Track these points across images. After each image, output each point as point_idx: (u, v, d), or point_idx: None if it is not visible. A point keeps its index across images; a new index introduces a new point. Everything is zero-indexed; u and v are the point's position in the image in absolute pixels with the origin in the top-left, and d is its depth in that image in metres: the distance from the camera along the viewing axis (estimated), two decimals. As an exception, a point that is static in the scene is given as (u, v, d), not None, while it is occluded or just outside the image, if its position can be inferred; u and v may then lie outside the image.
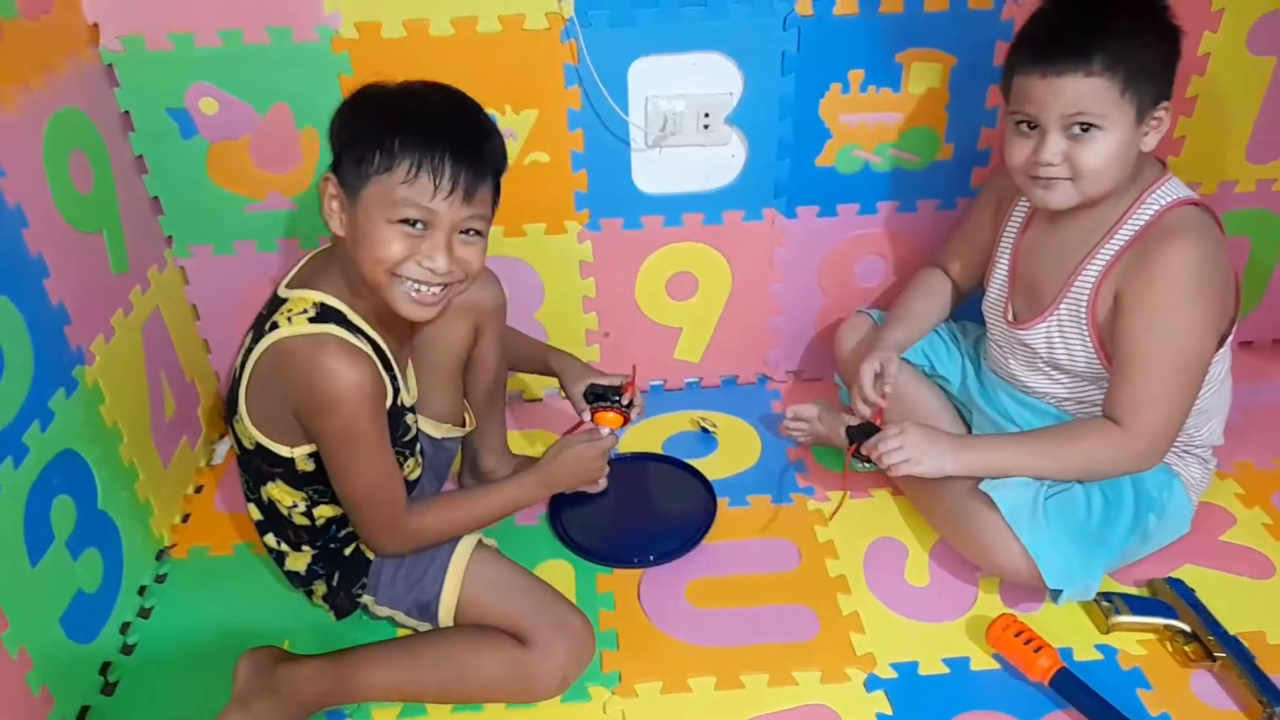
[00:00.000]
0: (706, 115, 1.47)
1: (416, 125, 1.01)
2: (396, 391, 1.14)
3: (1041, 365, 1.31)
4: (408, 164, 1.00)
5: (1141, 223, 1.17)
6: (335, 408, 1.03)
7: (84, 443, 1.23)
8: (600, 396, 1.34)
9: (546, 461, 1.24)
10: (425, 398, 1.29)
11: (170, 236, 1.50)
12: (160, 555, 1.42)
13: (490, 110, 1.41)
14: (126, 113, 1.39)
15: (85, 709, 1.19)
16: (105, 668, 1.24)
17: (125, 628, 1.30)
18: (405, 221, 1.01)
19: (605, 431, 1.31)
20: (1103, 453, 1.21)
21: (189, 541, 1.45)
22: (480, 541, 1.22)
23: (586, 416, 1.34)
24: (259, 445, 1.11)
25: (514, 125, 1.43)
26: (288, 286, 1.09)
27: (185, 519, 1.49)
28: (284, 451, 1.11)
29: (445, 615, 1.18)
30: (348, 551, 1.22)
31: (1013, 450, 1.26)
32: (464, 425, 1.37)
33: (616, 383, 1.36)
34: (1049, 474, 1.25)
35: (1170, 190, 1.17)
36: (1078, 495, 1.25)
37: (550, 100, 1.44)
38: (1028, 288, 1.32)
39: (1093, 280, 1.22)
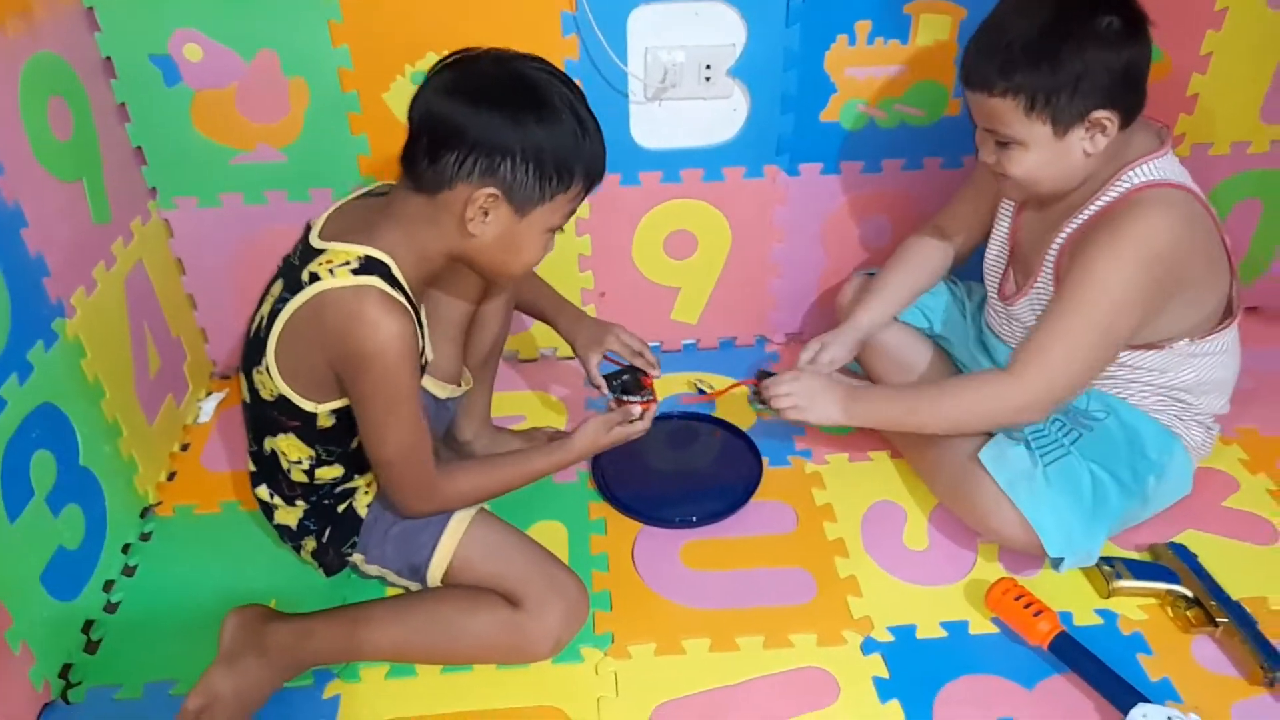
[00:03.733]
0: (708, 67, 1.43)
1: (596, 136, 1.03)
2: (422, 342, 1.11)
3: None
4: (588, 181, 1.04)
5: (1108, 200, 1.15)
6: (376, 360, 1.00)
7: (64, 397, 1.20)
8: (626, 389, 1.30)
9: (578, 442, 1.20)
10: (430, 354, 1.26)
11: (154, 188, 1.46)
12: (145, 513, 1.39)
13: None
14: (108, 59, 1.34)
15: (67, 666, 1.17)
16: (88, 625, 1.22)
17: (109, 586, 1.28)
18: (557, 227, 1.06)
19: (636, 413, 1.26)
20: (984, 402, 1.21)
21: (174, 499, 1.42)
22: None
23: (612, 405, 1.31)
24: (281, 398, 1.08)
25: (508, 75, 1.39)
26: (321, 237, 1.05)
27: (171, 477, 1.47)
28: (309, 406, 1.08)
29: (435, 576, 1.15)
30: (340, 509, 1.19)
31: (900, 403, 1.29)
32: (460, 385, 1.33)
33: (629, 365, 1.34)
34: (935, 426, 1.28)
35: (1148, 172, 1.14)
36: (1075, 462, 1.23)
37: (547, 50, 1.33)
38: (1021, 263, 1.30)
39: (1057, 251, 1.20)
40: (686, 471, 1.48)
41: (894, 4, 1.41)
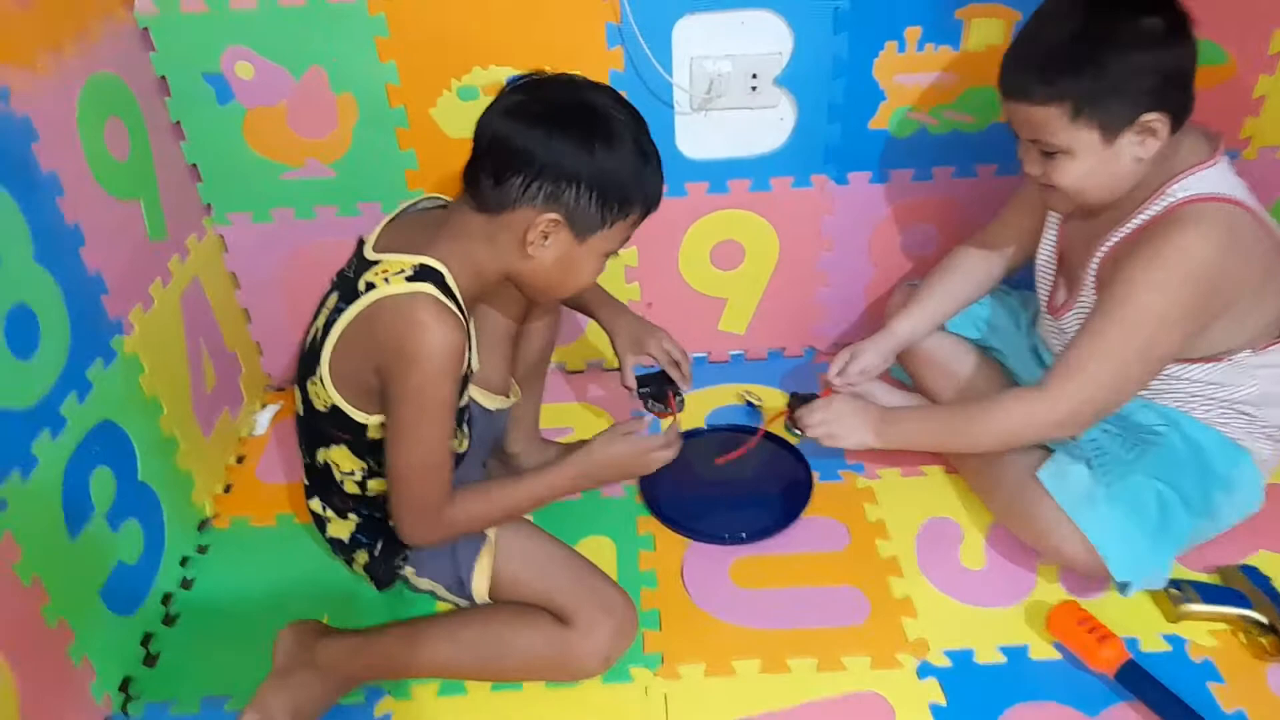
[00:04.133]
0: (754, 76, 1.41)
1: (656, 167, 1.04)
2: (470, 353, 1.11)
3: None
4: (645, 210, 1.05)
5: (1154, 213, 1.11)
6: (420, 363, 0.99)
7: (123, 414, 1.22)
8: (657, 397, 1.30)
9: (588, 453, 1.14)
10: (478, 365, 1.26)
11: (209, 204, 1.49)
12: (202, 526, 1.42)
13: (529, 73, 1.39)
14: (163, 77, 1.36)
15: (127, 680, 1.19)
16: (147, 639, 1.24)
17: (167, 599, 1.30)
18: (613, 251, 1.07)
19: (648, 422, 1.23)
20: (1016, 421, 1.18)
21: (231, 512, 1.44)
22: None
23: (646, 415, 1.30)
24: (334, 408, 1.08)
25: (555, 88, 1.39)
26: (375, 249, 1.06)
27: (227, 489, 1.49)
28: (359, 417, 1.08)
29: (480, 592, 1.15)
30: (392, 522, 1.19)
31: (932, 423, 1.28)
32: (509, 397, 1.33)
33: (662, 372, 1.32)
34: (970, 446, 1.27)
35: (1197, 184, 1.09)
36: (1139, 480, 1.19)
37: (592, 61, 1.38)
38: (1068, 274, 1.27)
39: (1099, 263, 1.17)
40: (735, 486, 1.45)
41: (945, 8, 1.37)
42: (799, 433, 1.31)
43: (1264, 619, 1.14)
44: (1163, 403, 1.22)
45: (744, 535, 1.34)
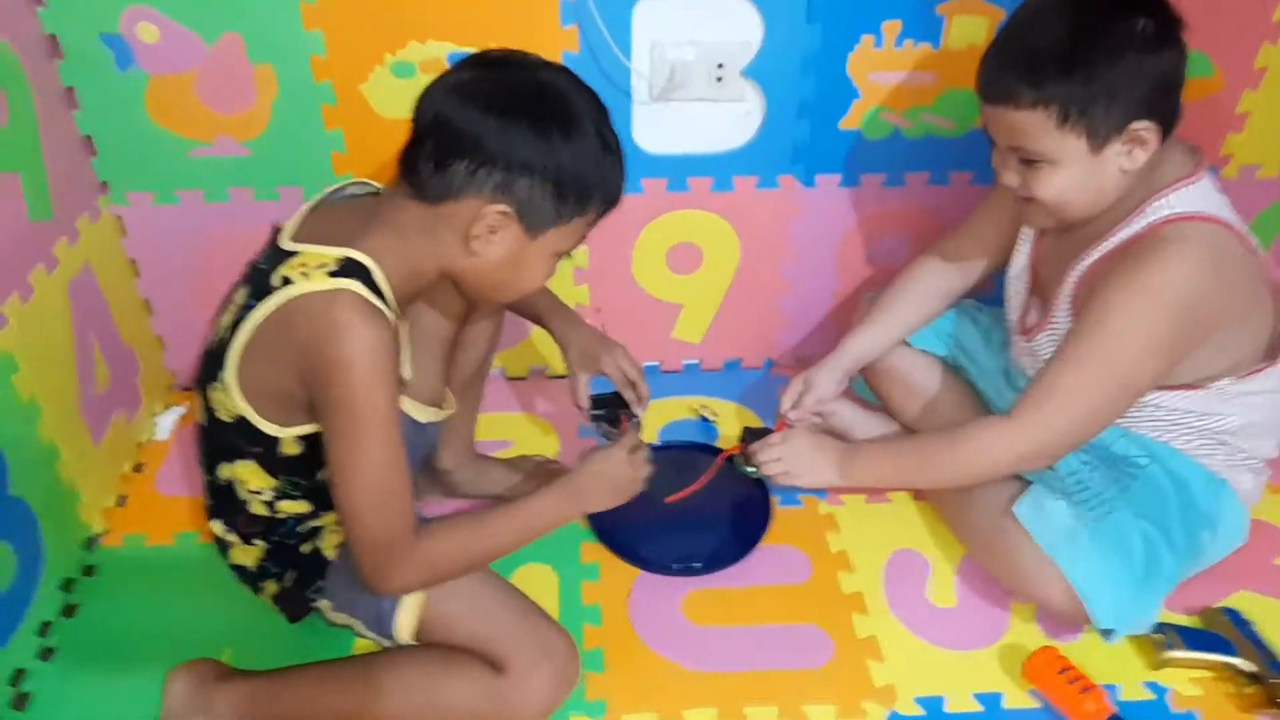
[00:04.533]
0: (720, 66, 1.30)
1: (619, 159, 0.94)
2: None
3: None
4: (604, 207, 0.95)
5: (1134, 231, 1.04)
6: (348, 369, 0.87)
7: (-9, 420, 1.06)
8: (609, 419, 1.21)
9: (578, 475, 1.06)
10: (410, 373, 1.12)
11: (105, 182, 1.32)
12: (90, 544, 1.25)
13: (472, 50, 1.25)
14: (52, 36, 1.20)
15: (-12, 728, 1.04)
16: (17, 677, 1.08)
17: (45, 629, 1.14)
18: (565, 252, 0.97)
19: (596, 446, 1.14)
20: (984, 453, 1.12)
21: (124, 528, 1.29)
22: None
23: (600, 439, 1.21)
24: (241, 419, 0.95)
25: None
26: (293, 239, 0.93)
27: (121, 502, 1.33)
28: (271, 430, 0.95)
29: (404, 633, 1.02)
30: (305, 549, 1.06)
31: (897, 458, 1.21)
32: (443, 408, 1.20)
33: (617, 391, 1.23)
34: (938, 481, 1.22)
35: (1176, 202, 1.02)
36: (1123, 518, 1.12)
37: (543, 41, 1.26)
38: (1042, 293, 1.19)
39: (1074, 283, 1.09)
40: (687, 509, 1.33)
41: (926, 3, 1.28)
42: (752, 470, 1.22)
43: (1249, 667, 1.07)
44: (1141, 431, 1.15)
45: (697, 566, 1.23)
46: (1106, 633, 1.10)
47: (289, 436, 0.96)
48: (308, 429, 0.96)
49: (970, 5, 1.28)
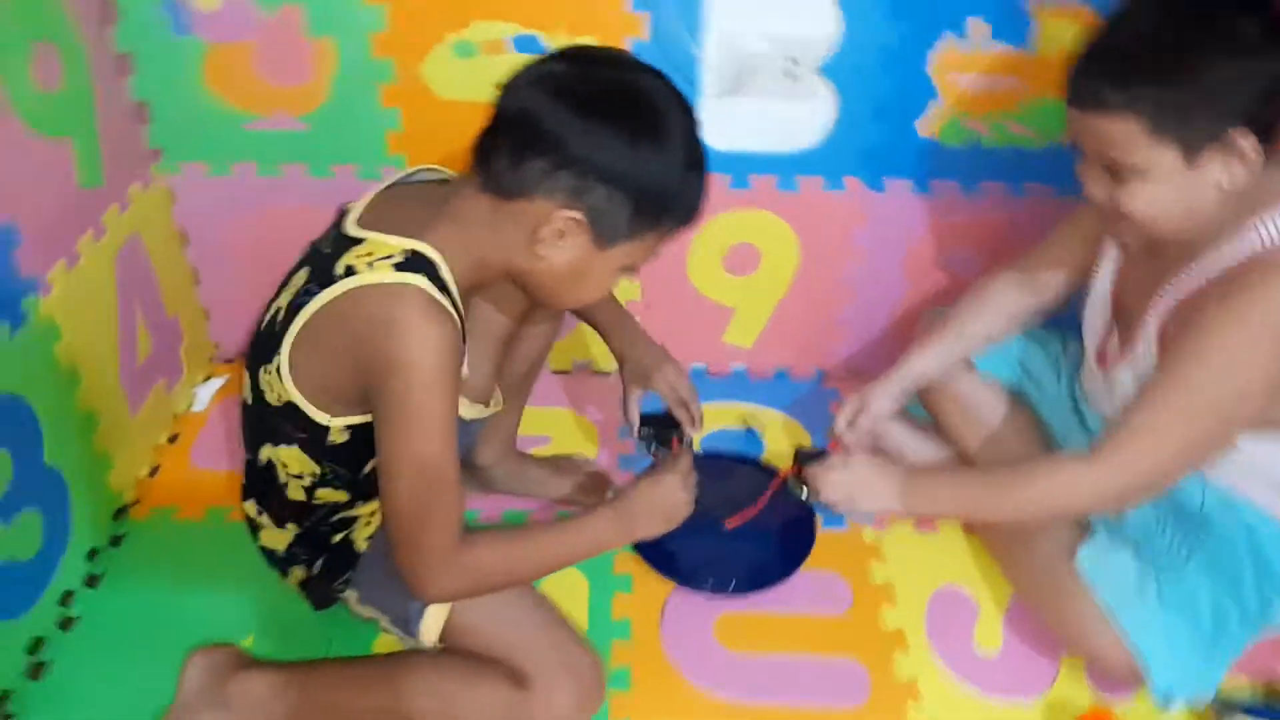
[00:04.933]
0: (794, 61, 1.24)
1: (703, 177, 0.89)
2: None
3: None
4: (681, 226, 0.90)
5: (1234, 256, 0.94)
6: (408, 369, 0.83)
7: (31, 387, 1.05)
8: (660, 439, 1.16)
9: (627, 500, 1.00)
10: None
11: (158, 150, 1.31)
12: (118, 514, 1.25)
13: (538, 33, 1.21)
14: (110, -1, 1.18)
15: (5, 694, 1.03)
16: (36, 645, 1.08)
17: (67, 598, 1.14)
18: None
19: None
20: (1060, 491, 1.01)
21: (154, 500, 1.28)
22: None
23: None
24: (289, 405, 0.92)
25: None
26: (360, 225, 0.89)
27: (153, 473, 1.32)
28: (321, 418, 0.92)
29: (429, 634, 0.99)
30: (336, 538, 1.03)
31: (966, 489, 1.10)
32: (489, 406, 1.16)
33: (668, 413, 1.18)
34: (1004, 516, 1.12)
35: None
36: (1193, 577, 1.04)
37: (609, 26, 1.21)
38: (1125, 321, 1.10)
39: (1164, 312, 1.00)
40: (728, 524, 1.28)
41: (1017, 2, 1.20)
42: (806, 495, 1.14)
43: (1320, 747, 0.99)
44: (1220, 483, 1.06)
45: (732, 585, 1.18)
46: (1165, 700, 1.02)
47: (338, 425, 0.92)
48: (358, 419, 0.92)
49: (1063, 9, 1.20)
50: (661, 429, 1.15)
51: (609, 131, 0.82)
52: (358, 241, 0.87)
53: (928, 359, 1.23)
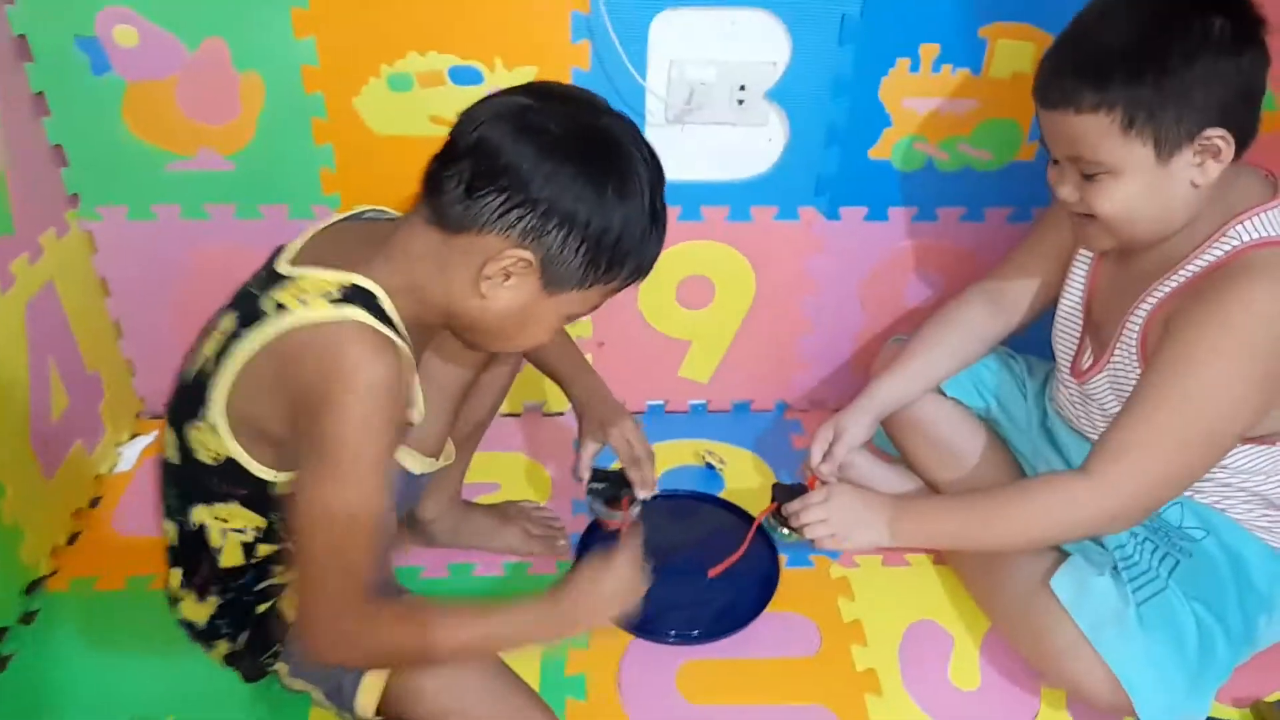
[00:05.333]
0: (742, 88, 1.21)
1: (663, 230, 0.85)
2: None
3: None
4: (634, 278, 0.86)
5: (1213, 259, 0.93)
6: (343, 408, 0.76)
7: (-74, 451, 0.97)
8: (609, 499, 1.10)
9: (565, 592, 0.89)
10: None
11: (75, 194, 1.23)
12: (31, 588, 1.15)
13: (477, 64, 1.17)
14: (21, 37, 1.11)
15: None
16: (-66, 741, 0.99)
17: (-29, 682, 1.04)
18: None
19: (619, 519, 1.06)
20: (1058, 512, 0.98)
21: (73, 570, 1.19)
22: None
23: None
24: (228, 462, 0.85)
25: (506, 84, 1.16)
26: (293, 264, 0.83)
27: (71, 540, 1.23)
28: (265, 474, 0.85)
29: (364, 710, 0.91)
30: (260, 609, 0.96)
31: (956, 515, 1.06)
32: (439, 460, 1.09)
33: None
34: (1000, 544, 1.06)
35: (1264, 224, 0.91)
36: (1174, 599, 1.00)
37: (552, 57, 1.17)
38: (1097, 331, 1.08)
39: (1144, 318, 0.98)
40: (687, 567, 1.22)
41: (967, 25, 1.18)
42: (788, 533, 1.10)
43: (1315, 779, 0.95)
44: (1199, 499, 1.03)
45: (696, 634, 1.12)
46: (1155, 731, 0.98)
47: (285, 480, 0.85)
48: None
49: (1016, 29, 1.19)
50: (612, 487, 1.10)
51: (576, 175, 0.77)
52: (289, 279, 0.81)
53: (897, 385, 1.19)
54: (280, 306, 0.79)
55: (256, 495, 0.87)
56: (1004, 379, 1.27)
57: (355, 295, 0.80)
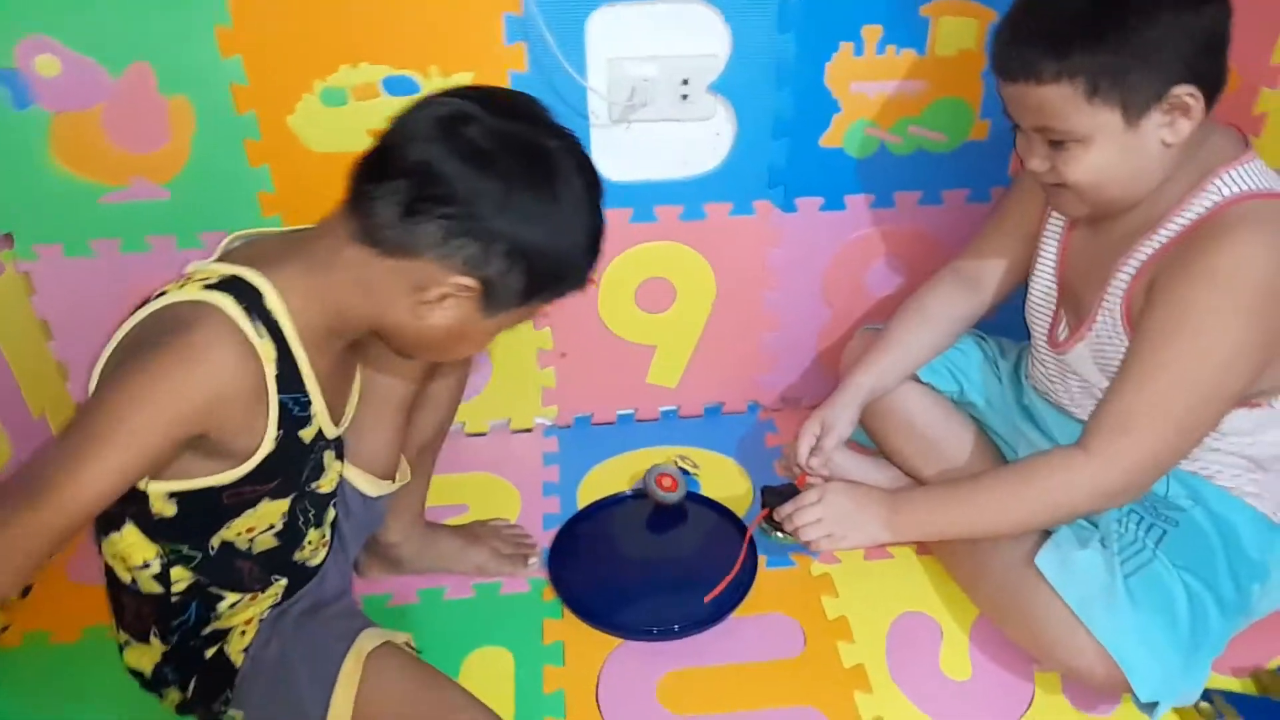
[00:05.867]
0: (685, 83, 1.19)
1: (598, 251, 0.84)
2: (302, 411, 0.84)
3: (1096, 393, 1.03)
4: (575, 289, 0.84)
5: (1194, 216, 0.91)
6: (131, 372, 0.72)
7: None
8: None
9: None
10: (359, 440, 0.98)
11: (8, 234, 1.19)
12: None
13: (411, 74, 1.14)
14: (-62, 74, 1.08)
15: None
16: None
17: (-85, 749, 0.99)
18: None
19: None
20: (1060, 491, 0.95)
21: (26, 624, 1.13)
22: (387, 642, 0.92)
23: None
24: None
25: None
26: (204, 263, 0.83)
27: (25, 593, 1.18)
28: (139, 482, 0.80)
29: (331, 744, 0.87)
30: (209, 653, 0.91)
31: (957, 506, 1.03)
32: (395, 479, 1.04)
33: None
34: (1000, 528, 1.03)
35: (1241, 178, 0.90)
36: (1162, 569, 0.97)
37: (488, 61, 1.14)
38: (1071, 301, 1.06)
39: (1127, 282, 0.95)
40: (663, 565, 1.21)
41: (908, 5, 1.17)
42: (782, 536, 1.07)
43: (1318, 742, 0.92)
44: (1185, 466, 1.01)
45: (675, 628, 1.10)
46: (1150, 706, 0.95)
47: (158, 493, 0.81)
48: (180, 484, 0.81)
49: (957, 5, 1.17)
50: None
51: (521, 204, 0.75)
52: (185, 274, 0.80)
53: (875, 373, 1.17)
54: (162, 294, 0.78)
55: (142, 513, 0.83)
56: (976, 361, 1.25)
57: (232, 285, 0.77)
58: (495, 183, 0.75)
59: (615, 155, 1.23)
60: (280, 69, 1.12)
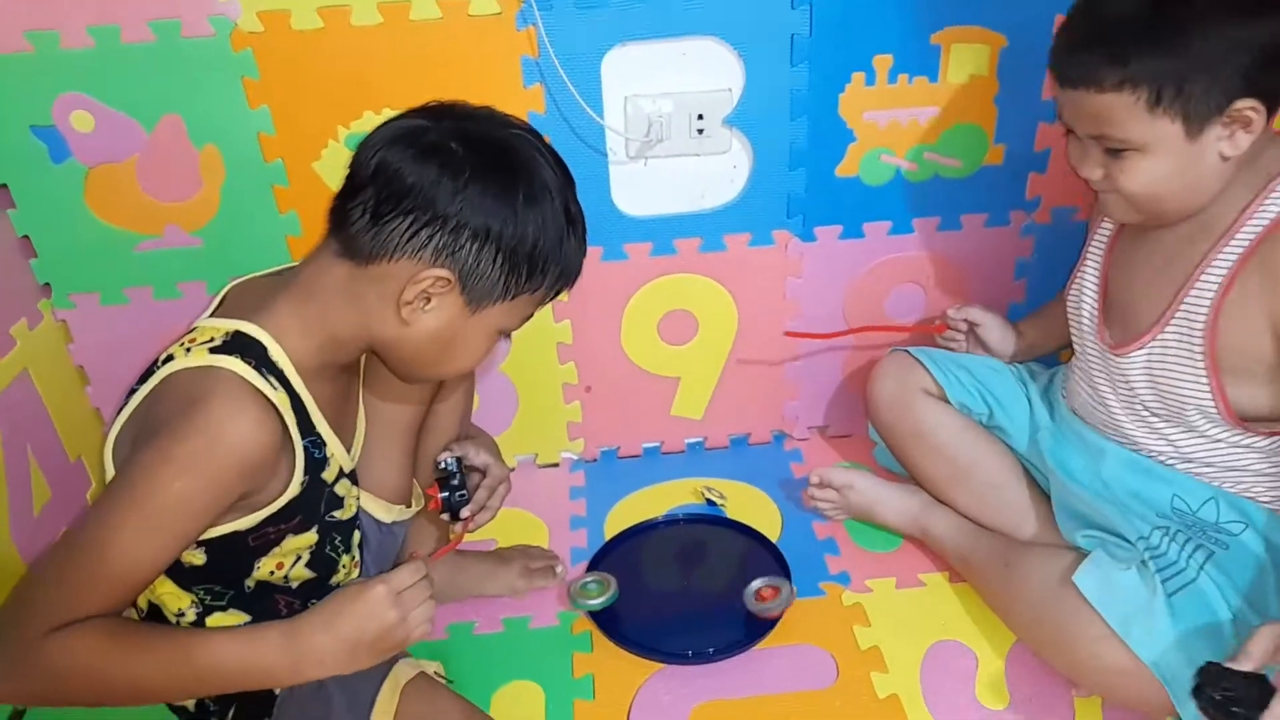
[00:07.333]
0: (700, 117, 1.20)
1: (582, 234, 0.86)
2: (320, 454, 0.86)
3: (1138, 409, 1.02)
4: (560, 284, 0.86)
5: (1270, 216, 0.90)
6: (168, 446, 0.73)
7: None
8: (443, 480, 1.05)
9: (308, 613, 0.81)
10: (368, 467, 0.99)
11: (46, 284, 1.23)
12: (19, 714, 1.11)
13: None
14: (-20, 131, 1.12)
15: None
16: None
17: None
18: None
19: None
20: None
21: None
22: (422, 673, 0.92)
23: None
24: None
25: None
26: (212, 317, 0.85)
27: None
28: None
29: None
30: (245, 683, 0.92)
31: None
32: (410, 504, 1.06)
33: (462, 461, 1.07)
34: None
35: None
36: (1205, 589, 0.95)
37: (506, 103, 1.12)
38: (1120, 309, 1.04)
39: (1211, 295, 0.93)
40: (695, 592, 1.22)
41: (919, 33, 1.18)
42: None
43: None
44: (1227, 487, 1.00)
45: (710, 651, 1.10)
46: (1200, 728, 0.92)
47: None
48: (208, 533, 0.81)
49: (968, 32, 1.18)
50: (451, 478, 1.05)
51: (481, 187, 0.78)
52: (188, 332, 0.82)
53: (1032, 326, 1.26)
54: (169, 358, 0.79)
55: (174, 566, 0.82)
56: (1006, 382, 1.24)
57: (238, 343, 0.79)
58: (453, 172, 0.77)
59: (634, 191, 1.25)
60: (306, 117, 1.15)
